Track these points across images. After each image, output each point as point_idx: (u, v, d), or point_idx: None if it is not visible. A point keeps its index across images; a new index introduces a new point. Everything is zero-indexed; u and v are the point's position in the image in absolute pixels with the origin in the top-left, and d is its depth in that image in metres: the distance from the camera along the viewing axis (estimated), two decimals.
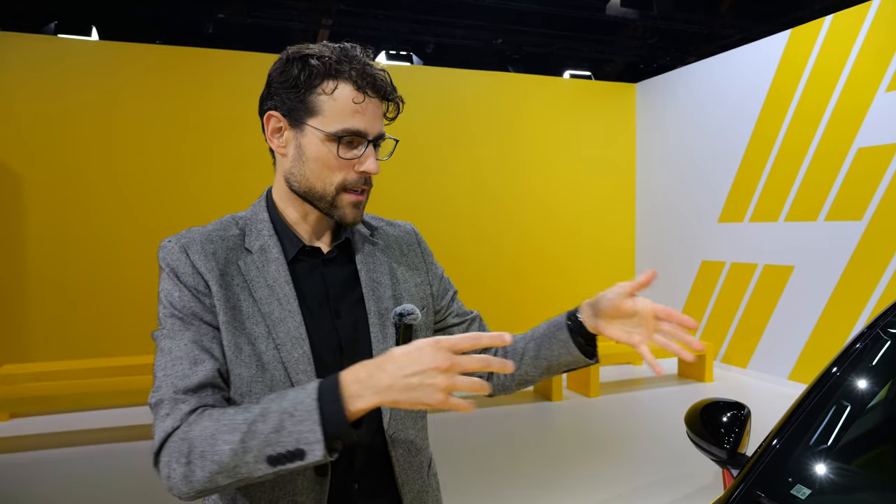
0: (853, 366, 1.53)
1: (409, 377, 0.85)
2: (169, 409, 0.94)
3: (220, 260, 1.06)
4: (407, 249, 1.24)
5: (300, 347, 1.04)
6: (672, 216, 8.21)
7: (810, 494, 1.26)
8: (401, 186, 7.66)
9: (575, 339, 1.16)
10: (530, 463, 4.34)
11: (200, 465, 0.88)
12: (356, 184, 1.06)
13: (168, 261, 1.05)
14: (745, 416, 1.56)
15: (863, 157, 5.81)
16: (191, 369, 0.97)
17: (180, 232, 1.09)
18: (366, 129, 1.04)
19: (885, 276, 5.58)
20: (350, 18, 7.97)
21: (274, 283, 1.06)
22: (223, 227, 1.10)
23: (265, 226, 1.11)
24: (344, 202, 1.07)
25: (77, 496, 3.85)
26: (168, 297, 1.03)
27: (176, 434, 0.92)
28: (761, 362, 6.76)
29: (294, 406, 0.87)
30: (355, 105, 1.03)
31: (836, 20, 6.10)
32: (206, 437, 0.88)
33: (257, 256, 1.08)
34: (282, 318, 1.04)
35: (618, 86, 8.90)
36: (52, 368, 5.77)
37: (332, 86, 1.03)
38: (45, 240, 6.51)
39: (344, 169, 1.05)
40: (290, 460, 0.86)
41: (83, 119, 6.61)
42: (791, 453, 1.37)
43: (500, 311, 8.11)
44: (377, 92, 1.06)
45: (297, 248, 1.11)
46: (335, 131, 1.03)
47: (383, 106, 1.09)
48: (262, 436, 0.86)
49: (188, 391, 0.95)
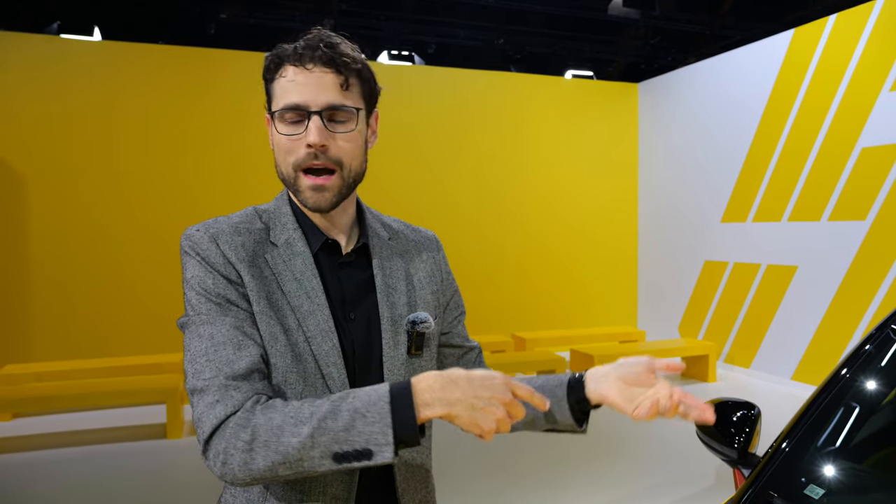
0: (863, 367, 1.52)
1: (478, 399, 0.89)
2: (219, 395, 0.93)
3: (249, 252, 1.05)
4: (426, 257, 1.22)
5: (330, 340, 1.04)
6: (675, 216, 8.20)
7: (823, 495, 1.25)
8: (402, 186, 7.66)
9: (570, 399, 1.14)
10: (535, 463, 4.34)
11: (263, 455, 0.89)
12: (306, 159, 1.04)
13: (197, 249, 1.03)
14: (755, 416, 1.55)
15: (866, 156, 5.80)
16: (235, 354, 0.96)
17: (205, 221, 1.08)
18: (304, 101, 1.02)
19: (888, 276, 5.57)
20: (352, 19, 7.97)
21: (301, 277, 1.06)
22: (249, 220, 1.10)
23: (289, 219, 1.11)
24: (303, 185, 1.06)
25: (79, 496, 3.85)
26: (201, 284, 1.01)
27: (232, 420, 0.91)
28: (764, 362, 6.75)
29: (367, 407, 0.89)
30: (291, 81, 1.03)
31: (840, 20, 6.09)
32: (273, 428, 0.89)
33: (283, 250, 1.08)
34: (311, 311, 1.05)
35: (620, 86, 8.89)
36: (54, 368, 5.77)
37: (279, 71, 1.05)
38: (48, 240, 6.51)
39: (294, 147, 1.04)
40: (356, 459, 0.88)
41: (85, 119, 6.61)
42: (803, 454, 1.36)
43: (502, 311, 8.11)
44: (318, 62, 1.03)
45: (321, 242, 1.11)
46: (276, 109, 1.04)
47: (338, 77, 1.04)
48: (331, 433, 0.88)
49: (237, 377, 0.95)
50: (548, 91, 8.43)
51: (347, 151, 1.06)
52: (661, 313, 8.43)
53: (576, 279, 8.54)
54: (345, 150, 1.05)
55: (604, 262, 8.71)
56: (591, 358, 6.02)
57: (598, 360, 6.02)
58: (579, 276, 8.56)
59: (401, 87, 7.70)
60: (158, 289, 6.72)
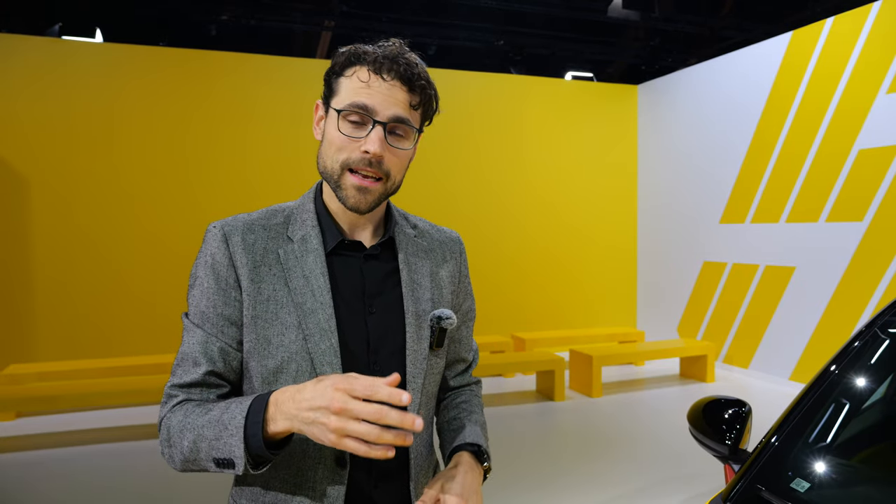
0: (851, 364, 1.56)
1: (308, 411, 0.87)
2: (165, 398, 1.07)
3: (259, 251, 1.08)
4: (449, 256, 1.25)
5: (328, 340, 1.06)
6: (674, 217, 8.23)
7: (809, 488, 1.29)
8: (402, 187, 7.68)
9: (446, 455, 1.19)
10: (533, 462, 4.37)
11: (177, 451, 1.01)
12: (359, 163, 1.05)
13: (210, 247, 1.08)
14: (746, 413, 1.59)
15: (864, 158, 5.84)
16: (191, 369, 1.06)
17: (227, 217, 1.12)
18: (373, 106, 1.04)
19: (885, 277, 5.60)
20: (353, 20, 8.00)
21: (310, 274, 1.08)
22: (267, 216, 1.13)
23: (309, 216, 1.13)
24: (347, 183, 1.06)
25: (82, 495, 3.88)
26: (199, 286, 1.08)
27: (163, 421, 1.05)
28: (763, 363, 6.78)
29: (230, 419, 0.95)
30: (363, 83, 1.04)
31: (838, 22, 6.12)
32: (176, 431, 1.01)
33: (297, 246, 1.10)
34: (313, 309, 1.06)
35: (620, 87, 8.93)
36: (57, 368, 5.80)
37: (352, 70, 1.06)
38: (50, 241, 6.55)
39: (348, 147, 1.05)
40: (225, 466, 0.96)
41: (87, 120, 6.65)
42: (791, 449, 1.40)
43: (502, 311, 8.14)
44: (395, 75, 1.05)
45: (337, 241, 1.12)
46: (341, 107, 1.05)
47: (408, 94, 1.07)
48: (206, 441, 0.97)
49: (182, 387, 1.06)
50: (548, 92, 8.47)
51: (396, 165, 1.09)
52: (660, 314, 8.47)
53: (575, 280, 8.57)
54: (395, 163, 1.08)
55: (603, 263, 8.74)
56: (590, 358, 6.05)
57: (598, 360, 6.06)
58: (579, 277, 8.59)
59: None
60: (160, 289, 6.76)
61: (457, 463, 1.11)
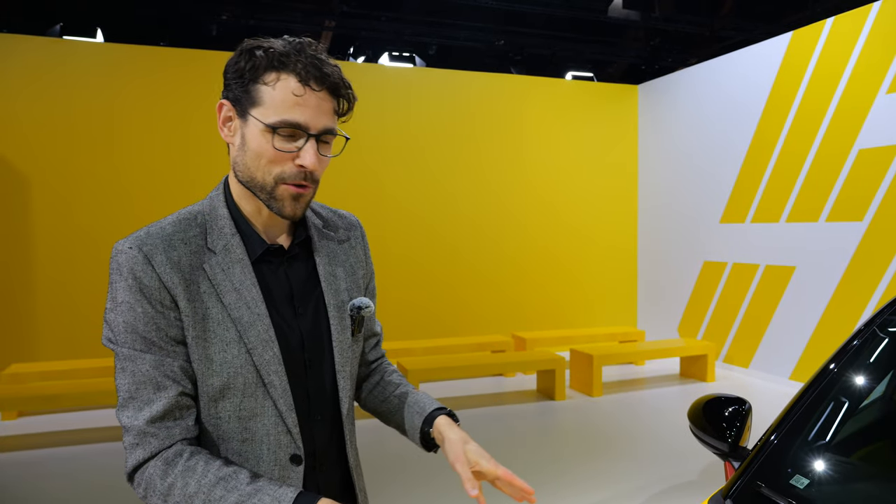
0: (850, 363, 1.57)
1: None
2: (138, 439, 0.99)
3: (185, 268, 1.04)
4: (355, 242, 1.28)
5: (270, 350, 1.07)
6: (674, 217, 8.24)
7: (808, 485, 1.30)
8: (403, 188, 7.71)
9: (422, 429, 1.22)
10: (534, 461, 4.38)
11: None
12: (294, 177, 1.04)
13: (132, 270, 1.01)
14: (746, 411, 1.60)
15: (864, 158, 5.84)
16: (154, 395, 0.99)
17: (136, 233, 1.05)
18: (306, 122, 1.02)
19: (885, 277, 5.61)
20: (353, 20, 8.01)
21: (241, 287, 1.06)
22: (183, 228, 1.07)
23: (226, 223, 1.10)
24: (283, 194, 1.05)
25: (84, 494, 3.89)
26: (130, 311, 1.00)
27: (150, 465, 0.98)
28: (763, 362, 6.79)
29: None
30: (295, 97, 1.02)
31: (838, 22, 6.13)
32: (186, 495, 0.96)
33: (221, 257, 1.07)
34: (251, 322, 1.06)
35: (620, 87, 8.94)
36: (58, 368, 5.82)
37: (274, 77, 1.02)
38: (51, 240, 6.56)
39: (282, 161, 1.04)
40: None
41: (88, 120, 6.66)
42: (790, 446, 1.41)
43: (502, 311, 8.15)
44: (323, 85, 1.03)
45: (263, 249, 1.11)
46: (272, 122, 1.02)
47: (333, 101, 1.06)
48: None
49: (154, 420, 0.99)
50: (548, 92, 8.48)
51: (322, 169, 1.09)
52: (661, 313, 8.48)
53: (576, 279, 8.58)
54: (321, 168, 1.08)
55: (604, 262, 8.75)
56: (590, 358, 6.06)
57: (598, 359, 6.07)
58: (579, 277, 8.60)
59: (401, 88, 7.75)
60: None
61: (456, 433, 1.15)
